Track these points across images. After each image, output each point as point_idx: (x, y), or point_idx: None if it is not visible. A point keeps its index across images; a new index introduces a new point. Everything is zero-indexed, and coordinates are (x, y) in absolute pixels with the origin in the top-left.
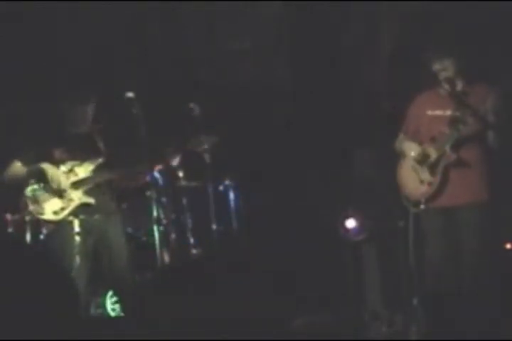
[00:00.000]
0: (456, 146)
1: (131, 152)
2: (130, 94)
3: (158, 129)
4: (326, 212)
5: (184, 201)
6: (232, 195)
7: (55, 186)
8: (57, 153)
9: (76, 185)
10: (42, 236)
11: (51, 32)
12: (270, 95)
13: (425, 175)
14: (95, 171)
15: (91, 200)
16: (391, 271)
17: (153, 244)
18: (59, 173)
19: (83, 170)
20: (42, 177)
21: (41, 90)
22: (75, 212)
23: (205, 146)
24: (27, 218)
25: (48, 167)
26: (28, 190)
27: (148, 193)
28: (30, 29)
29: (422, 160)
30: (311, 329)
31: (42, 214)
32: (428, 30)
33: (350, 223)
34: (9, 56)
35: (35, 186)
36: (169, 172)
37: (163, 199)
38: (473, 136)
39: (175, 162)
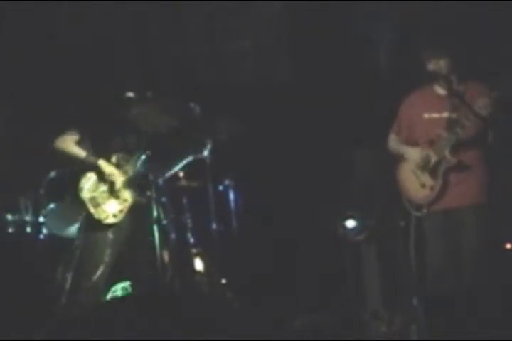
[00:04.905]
0: (456, 149)
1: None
2: (130, 94)
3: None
4: (326, 212)
5: (184, 201)
6: (232, 195)
7: (111, 185)
8: (116, 141)
9: (127, 183)
10: (41, 236)
11: (51, 31)
12: (270, 95)
13: (426, 179)
14: (140, 168)
15: (144, 199)
16: (391, 271)
17: (153, 244)
18: (114, 172)
19: (131, 168)
20: (98, 173)
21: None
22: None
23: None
24: (27, 218)
25: (104, 165)
26: (86, 192)
27: (148, 193)
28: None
29: (424, 165)
30: (311, 329)
31: (106, 218)
32: (425, 29)
33: (350, 223)
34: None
35: (92, 187)
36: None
37: (163, 199)
38: (471, 139)
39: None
